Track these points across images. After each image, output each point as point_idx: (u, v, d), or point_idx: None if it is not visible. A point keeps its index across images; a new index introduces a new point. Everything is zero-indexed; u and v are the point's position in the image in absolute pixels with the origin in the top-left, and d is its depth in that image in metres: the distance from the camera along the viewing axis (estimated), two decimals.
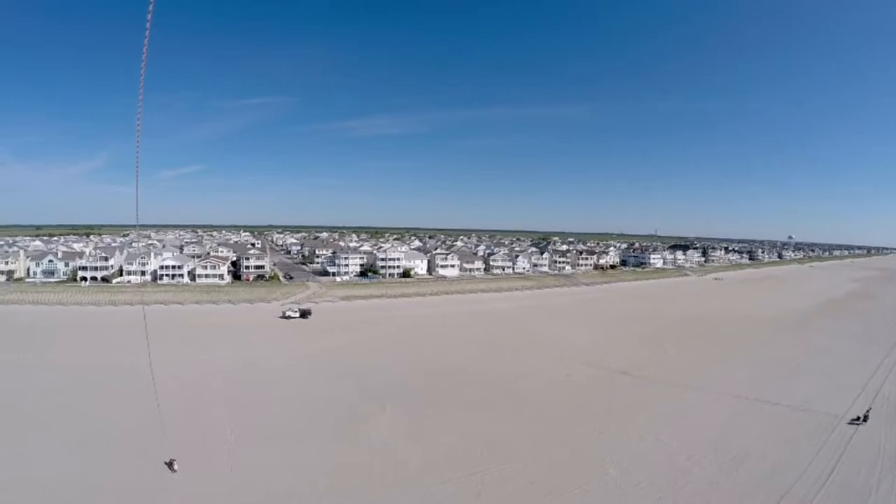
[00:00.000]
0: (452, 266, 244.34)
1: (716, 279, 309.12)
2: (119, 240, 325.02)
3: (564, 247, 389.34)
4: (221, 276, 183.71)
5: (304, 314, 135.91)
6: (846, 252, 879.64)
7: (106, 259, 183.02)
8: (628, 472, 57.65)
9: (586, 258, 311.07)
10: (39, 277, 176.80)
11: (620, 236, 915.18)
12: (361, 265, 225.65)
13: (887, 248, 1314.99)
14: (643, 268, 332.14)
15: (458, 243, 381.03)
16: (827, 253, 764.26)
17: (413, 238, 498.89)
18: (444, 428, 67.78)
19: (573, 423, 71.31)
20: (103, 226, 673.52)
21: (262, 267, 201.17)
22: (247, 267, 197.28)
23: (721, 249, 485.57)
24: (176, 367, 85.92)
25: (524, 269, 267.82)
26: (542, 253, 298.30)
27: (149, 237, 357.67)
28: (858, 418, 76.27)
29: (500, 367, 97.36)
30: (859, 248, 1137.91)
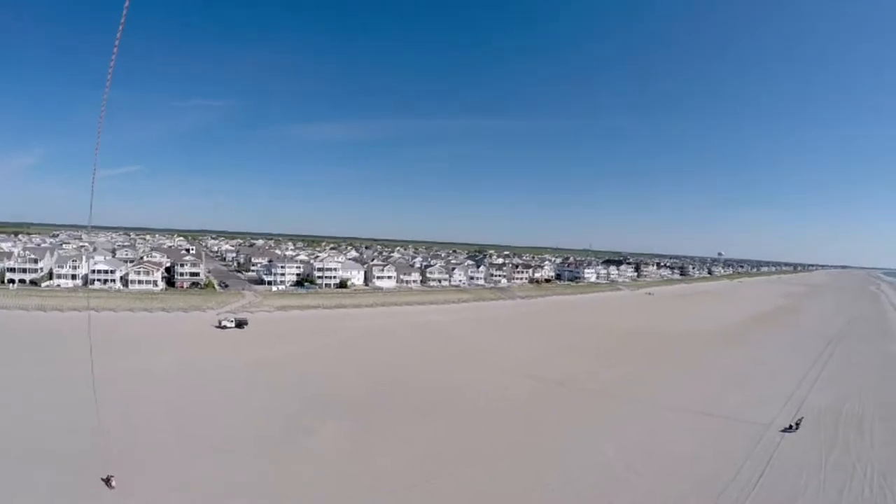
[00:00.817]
0: (389, 277, 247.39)
1: (648, 294, 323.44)
2: (49, 240, 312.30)
3: (500, 260, 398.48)
4: (155, 283, 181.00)
5: (241, 324, 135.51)
6: (773, 268, 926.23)
7: (35, 261, 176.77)
8: (569, 481, 59.66)
9: (522, 272, 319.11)
10: None
11: (555, 250, 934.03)
12: (298, 275, 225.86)
13: (812, 265, 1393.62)
14: (577, 282, 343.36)
15: (395, 255, 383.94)
16: (755, 269, 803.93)
17: (350, 248, 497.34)
18: (389, 440, 68.09)
19: (514, 434, 73.04)
20: (34, 224, 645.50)
21: (196, 274, 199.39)
22: (181, 274, 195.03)
23: (653, 265, 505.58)
24: (112, 379, 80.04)
25: (460, 281, 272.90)
26: (478, 266, 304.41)
27: (79, 238, 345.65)
28: (790, 427, 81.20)
29: (440, 380, 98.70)
30: (786, 264, 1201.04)
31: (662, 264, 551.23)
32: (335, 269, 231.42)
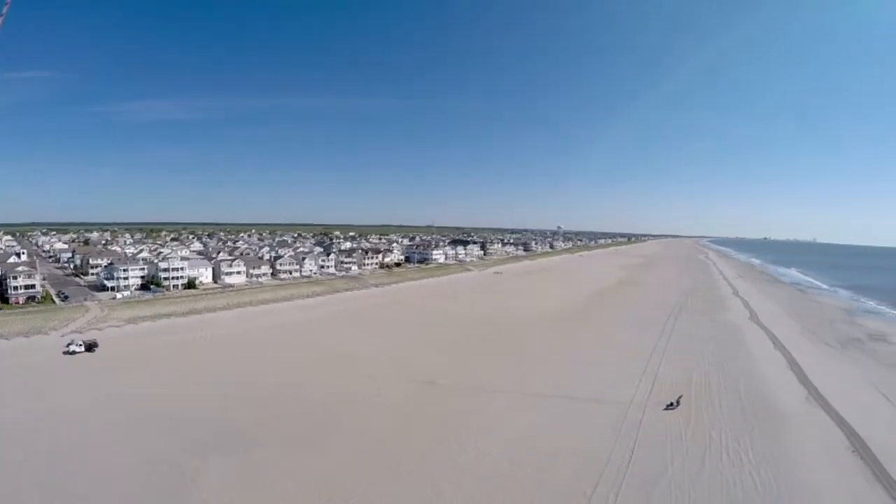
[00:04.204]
0: (239, 273, 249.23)
1: (496, 273, 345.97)
2: None
3: (348, 244, 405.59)
4: None
5: (91, 347, 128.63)
6: (609, 240, 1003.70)
7: None
8: (460, 486, 62.85)
9: (372, 257, 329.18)
10: None
11: (400, 228, 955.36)
12: (143, 277, 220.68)
13: (645, 235, 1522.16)
14: (427, 264, 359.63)
15: (241, 243, 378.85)
16: (593, 241, 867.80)
17: (191, 237, 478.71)
18: (277, 473, 66.41)
19: (399, 446, 75.24)
20: None
21: (32, 286, 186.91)
22: (15, 287, 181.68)
23: (498, 242, 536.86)
24: None
25: (311, 271, 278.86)
26: (327, 254, 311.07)
27: None
28: (671, 404, 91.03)
29: (310, 393, 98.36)
30: (621, 235, 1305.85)
31: (507, 241, 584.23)
32: (181, 269, 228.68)
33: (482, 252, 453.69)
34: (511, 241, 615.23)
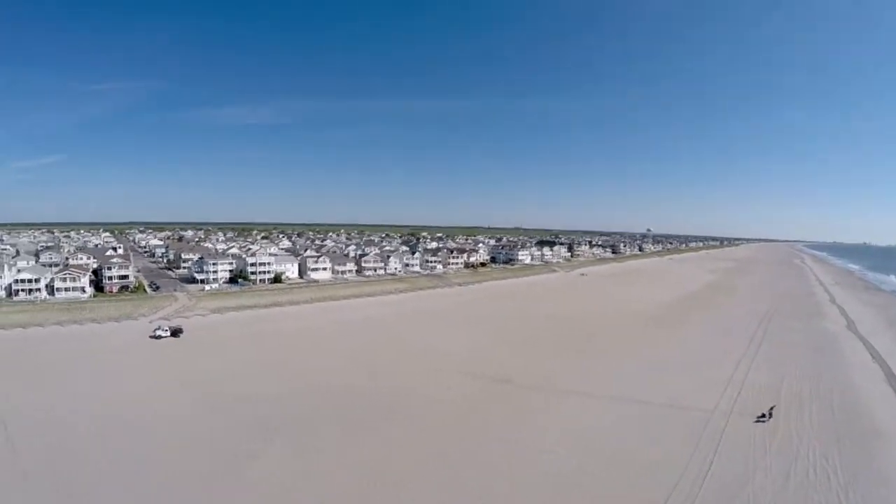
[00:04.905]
0: (324, 269, 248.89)
1: (582, 275, 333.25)
2: None
3: (434, 244, 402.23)
4: (83, 289, 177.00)
5: (176, 332, 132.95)
6: (701, 243, 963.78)
7: None
8: (521, 486, 59.85)
9: (457, 257, 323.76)
10: None
11: (488, 230, 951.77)
12: (231, 271, 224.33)
13: (738, 239, 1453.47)
14: (512, 264, 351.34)
15: (329, 242, 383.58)
16: (683, 245, 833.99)
17: (281, 236, 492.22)
18: (335, 459, 66.27)
19: (463, 440, 72.82)
20: None
21: (126, 276, 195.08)
22: (109, 277, 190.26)
23: (585, 244, 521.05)
24: (42, 409, 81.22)
25: (396, 269, 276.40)
26: (412, 252, 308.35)
27: (1, 241, 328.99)
28: (763, 416, 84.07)
29: (382, 383, 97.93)
30: (713, 238, 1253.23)
31: (595, 243, 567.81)
32: (269, 263, 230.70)
33: (569, 253, 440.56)
34: (599, 242, 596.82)
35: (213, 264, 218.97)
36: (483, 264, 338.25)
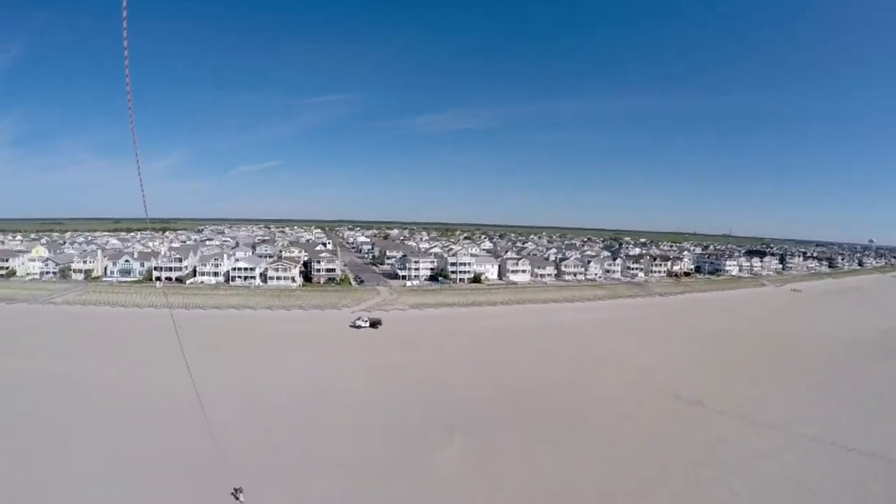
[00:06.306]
0: (523, 272, 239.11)
1: (794, 290, 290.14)
2: (193, 237, 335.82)
3: (637, 250, 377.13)
4: (293, 279, 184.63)
5: (375, 324, 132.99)
6: None
7: (180, 260, 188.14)
8: None
9: (659, 264, 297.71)
10: (116, 277, 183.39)
11: (693, 236, 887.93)
12: (432, 269, 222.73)
13: None
14: (718, 275, 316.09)
15: (529, 245, 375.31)
16: None
17: (483, 237, 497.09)
18: (512, 461, 64.72)
19: (641, 463, 66.20)
20: (178, 219, 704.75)
21: (332, 270, 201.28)
22: (318, 269, 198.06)
23: (799, 255, 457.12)
24: (242, 382, 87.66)
25: (596, 275, 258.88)
26: (614, 258, 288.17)
27: (222, 233, 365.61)
28: None
29: (569, 392, 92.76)
30: None
31: (809, 255, 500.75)
32: (469, 264, 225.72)
33: (780, 265, 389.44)
34: (814, 254, 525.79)
35: (416, 262, 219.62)
36: (687, 274, 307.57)
